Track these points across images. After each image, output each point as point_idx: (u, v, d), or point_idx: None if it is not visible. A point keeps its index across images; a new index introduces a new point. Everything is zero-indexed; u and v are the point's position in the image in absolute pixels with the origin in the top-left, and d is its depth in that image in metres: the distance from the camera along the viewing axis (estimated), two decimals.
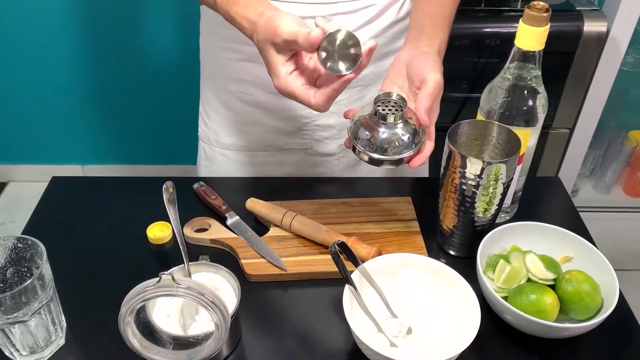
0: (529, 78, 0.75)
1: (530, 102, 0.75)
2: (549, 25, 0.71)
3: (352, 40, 0.63)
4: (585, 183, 1.89)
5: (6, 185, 2.28)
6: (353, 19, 0.86)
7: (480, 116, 0.79)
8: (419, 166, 0.71)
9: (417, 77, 0.72)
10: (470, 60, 1.42)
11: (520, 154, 0.78)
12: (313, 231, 0.80)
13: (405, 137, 0.68)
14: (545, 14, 0.70)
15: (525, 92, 0.75)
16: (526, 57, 0.73)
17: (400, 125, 0.68)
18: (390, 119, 0.67)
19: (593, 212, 1.81)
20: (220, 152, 1.00)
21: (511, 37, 0.74)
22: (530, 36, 0.72)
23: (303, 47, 0.64)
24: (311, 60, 0.69)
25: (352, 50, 0.63)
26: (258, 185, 0.95)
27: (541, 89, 0.76)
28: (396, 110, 0.68)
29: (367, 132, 0.68)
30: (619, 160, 1.82)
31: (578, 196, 1.86)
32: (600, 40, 1.39)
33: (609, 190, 1.88)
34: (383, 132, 0.68)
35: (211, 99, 0.98)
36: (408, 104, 0.70)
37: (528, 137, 0.77)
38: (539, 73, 0.75)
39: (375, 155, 0.68)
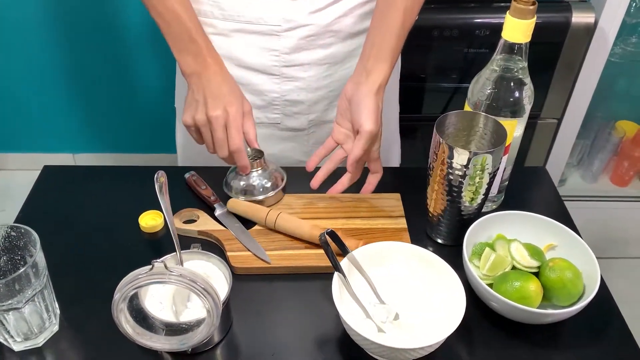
0: (515, 70, 0.76)
1: (517, 94, 0.77)
2: (535, 18, 0.72)
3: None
4: (573, 172, 1.91)
5: None
6: (321, 0, 0.88)
7: (467, 107, 0.80)
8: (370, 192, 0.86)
9: (355, 123, 0.81)
10: (460, 51, 1.43)
11: (507, 145, 0.79)
12: (297, 229, 0.80)
13: (263, 182, 0.86)
14: (531, 7, 0.71)
15: (512, 83, 0.76)
16: (513, 49, 0.74)
17: (258, 173, 0.86)
18: (251, 167, 0.86)
19: (580, 201, 1.83)
20: None
21: (501, 27, 0.75)
22: (516, 29, 0.73)
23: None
24: None
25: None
26: None
27: (527, 80, 0.77)
28: (255, 161, 0.86)
29: (235, 181, 0.87)
30: (607, 150, 1.84)
31: (566, 185, 1.88)
32: (588, 31, 1.40)
33: (596, 179, 1.90)
34: (244, 179, 0.86)
35: None
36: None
37: (514, 128, 0.79)
38: (526, 65, 0.76)
39: (243, 198, 0.86)
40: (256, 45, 0.91)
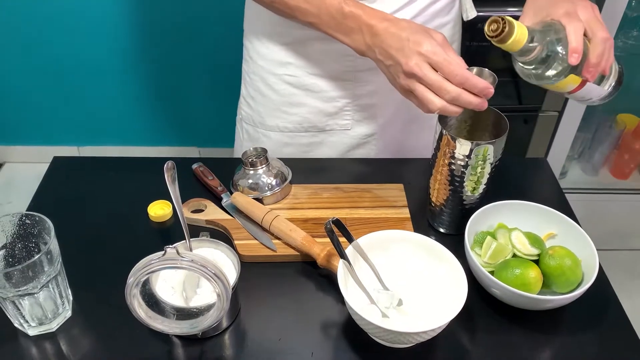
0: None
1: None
2: None
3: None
4: (574, 165, 1.93)
5: (2, 167, 2.30)
6: (394, 2, 0.88)
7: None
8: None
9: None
10: (462, 44, 1.44)
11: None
12: (290, 236, 0.79)
13: (269, 179, 0.87)
14: None
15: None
16: None
17: (263, 169, 0.88)
18: (256, 165, 0.87)
19: (581, 194, 1.84)
20: (263, 134, 1.02)
21: None
22: None
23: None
24: None
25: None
26: None
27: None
28: (259, 159, 0.88)
29: (243, 180, 0.88)
30: (607, 143, 1.86)
31: (567, 178, 1.90)
32: None
33: (596, 172, 1.92)
34: (251, 177, 0.87)
35: (255, 81, 1.00)
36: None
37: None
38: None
39: (251, 196, 0.86)
40: (331, 51, 0.91)
